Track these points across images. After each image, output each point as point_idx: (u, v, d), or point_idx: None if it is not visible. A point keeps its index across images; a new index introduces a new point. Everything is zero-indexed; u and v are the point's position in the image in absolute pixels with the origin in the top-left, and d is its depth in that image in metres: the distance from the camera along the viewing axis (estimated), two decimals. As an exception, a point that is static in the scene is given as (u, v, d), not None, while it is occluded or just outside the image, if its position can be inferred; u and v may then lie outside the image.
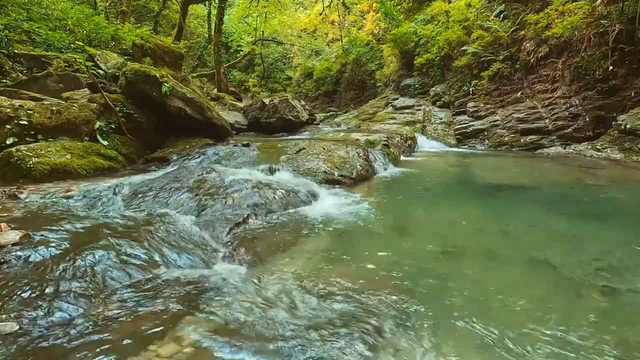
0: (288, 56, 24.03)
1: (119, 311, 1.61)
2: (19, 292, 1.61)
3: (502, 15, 10.33)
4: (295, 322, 1.59)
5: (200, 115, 6.06)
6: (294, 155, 5.27)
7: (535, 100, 9.01)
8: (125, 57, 8.21)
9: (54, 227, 2.25)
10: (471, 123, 9.89)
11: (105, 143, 4.91)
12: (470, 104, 10.18)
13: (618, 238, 2.80)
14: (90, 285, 1.76)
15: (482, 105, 9.97)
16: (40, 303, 1.57)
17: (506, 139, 9.03)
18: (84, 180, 3.98)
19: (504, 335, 1.58)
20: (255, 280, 2.02)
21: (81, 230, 2.28)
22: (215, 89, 14.68)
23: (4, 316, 1.47)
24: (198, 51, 20.56)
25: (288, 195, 3.65)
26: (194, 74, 16.79)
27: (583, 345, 1.53)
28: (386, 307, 1.78)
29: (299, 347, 1.43)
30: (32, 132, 4.31)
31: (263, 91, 21.74)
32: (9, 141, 4.09)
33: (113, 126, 5.26)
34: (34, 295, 1.61)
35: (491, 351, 1.48)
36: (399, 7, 14.98)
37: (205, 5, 19.47)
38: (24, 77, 6.66)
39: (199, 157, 5.23)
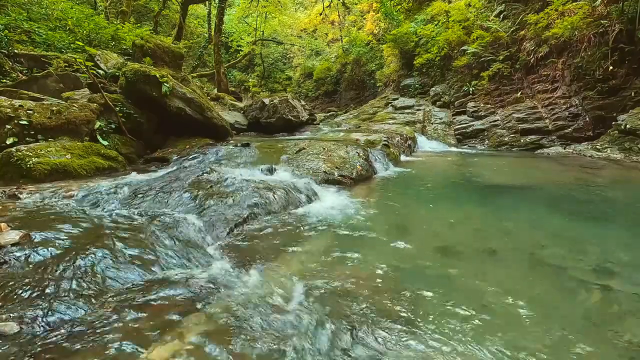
0: (288, 56, 24.04)
1: (119, 311, 1.61)
2: (19, 292, 1.61)
3: (502, 15, 10.33)
4: (295, 322, 1.59)
5: (200, 115, 6.06)
6: (294, 155, 5.27)
7: (535, 100, 9.01)
8: (125, 57, 8.21)
9: (54, 227, 2.25)
10: (471, 123, 9.88)
11: (105, 143, 4.91)
12: (470, 104, 10.18)
13: (618, 238, 2.80)
14: (90, 285, 1.76)
15: (482, 105, 9.96)
16: (40, 303, 1.57)
17: (506, 139, 9.02)
18: (84, 180, 3.98)
19: (504, 335, 1.58)
20: (255, 281, 2.02)
21: (81, 230, 2.28)
22: (215, 89, 14.67)
23: (4, 316, 1.47)
24: (198, 51, 20.55)
25: (288, 195, 3.65)
26: (194, 74, 16.78)
27: (582, 345, 1.53)
28: (386, 306, 1.78)
29: (298, 347, 1.43)
30: (32, 132, 4.31)
31: (263, 91, 21.74)
32: (9, 141, 4.09)
33: (113, 126, 5.26)
34: (34, 295, 1.62)
35: (490, 351, 1.48)
36: (399, 7, 14.98)
37: (205, 5, 19.45)
38: (24, 77, 6.66)
39: (199, 157, 5.22)
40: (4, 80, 6.35)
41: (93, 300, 1.69)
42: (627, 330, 1.64)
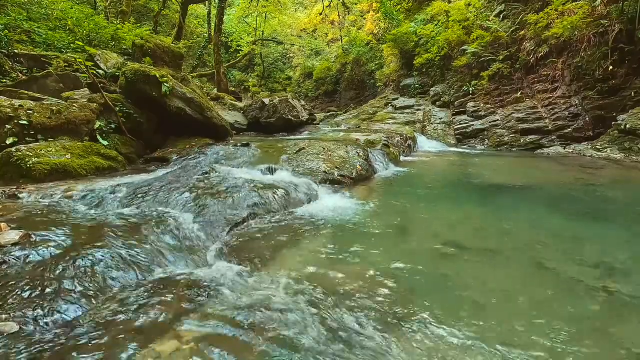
0: (288, 56, 24.03)
1: (119, 311, 1.61)
2: (19, 292, 1.61)
3: (502, 15, 10.33)
4: (294, 322, 1.59)
5: (200, 115, 6.06)
6: (294, 155, 5.27)
7: (535, 100, 9.01)
8: (125, 57, 8.20)
9: (54, 227, 2.25)
10: (471, 123, 9.88)
11: (105, 143, 4.91)
12: (470, 104, 10.18)
13: (618, 238, 2.80)
14: (90, 285, 1.76)
15: (482, 105, 9.96)
16: (40, 303, 1.58)
17: (506, 139, 9.02)
18: (84, 180, 3.98)
19: (504, 335, 1.58)
20: (255, 280, 2.02)
21: (81, 230, 2.28)
22: (215, 89, 14.66)
23: (4, 316, 1.47)
24: (198, 51, 20.55)
25: (288, 195, 3.65)
26: (194, 74, 16.77)
27: (583, 345, 1.53)
28: (386, 306, 1.78)
29: (297, 346, 1.43)
30: (32, 132, 4.31)
31: (263, 91, 21.74)
32: (9, 141, 4.09)
33: (113, 126, 5.26)
34: (34, 295, 1.62)
35: (490, 351, 1.48)
36: (399, 7, 14.98)
37: (205, 5, 19.45)
38: (24, 77, 6.66)
39: (199, 157, 5.22)
40: (4, 80, 6.35)
41: (93, 300, 1.69)
42: (628, 330, 1.64)
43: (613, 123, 7.30)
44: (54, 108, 4.60)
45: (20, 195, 3.19)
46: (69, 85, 6.52)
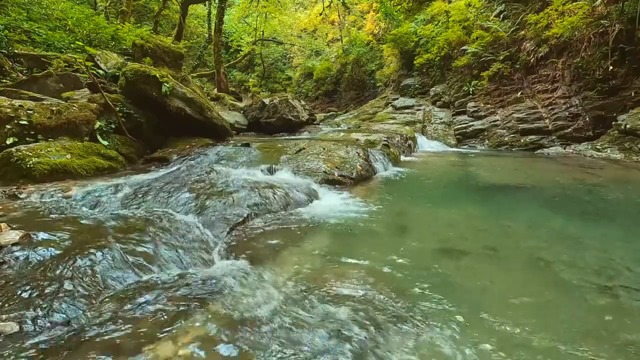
0: (288, 56, 24.02)
1: (119, 311, 1.61)
2: (19, 292, 1.61)
3: (502, 15, 10.33)
4: (295, 322, 1.59)
5: (200, 115, 6.06)
6: (294, 155, 5.27)
7: (535, 100, 9.01)
8: (125, 57, 8.21)
9: (54, 227, 2.25)
10: (471, 123, 9.88)
11: (105, 143, 4.91)
12: (470, 104, 10.18)
13: (618, 238, 2.80)
14: (90, 286, 1.76)
15: (482, 105, 9.96)
16: (40, 303, 1.58)
17: (506, 139, 9.02)
18: (84, 180, 3.98)
19: (504, 335, 1.58)
20: (255, 280, 2.02)
21: (81, 231, 2.28)
22: (215, 89, 14.65)
23: (4, 316, 1.47)
24: (198, 51, 20.56)
25: (288, 195, 3.65)
26: (194, 74, 16.79)
27: (583, 345, 1.52)
28: (386, 306, 1.78)
29: (298, 347, 1.43)
30: (32, 132, 4.31)
31: (263, 91, 21.72)
32: (9, 141, 4.09)
33: (113, 126, 5.26)
34: (34, 295, 1.62)
35: (491, 351, 1.48)
36: (399, 7, 14.98)
37: (205, 5, 19.46)
38: (24, 77, 6.66)
39: (199, 157, 5.23)
40: (4, 80, 6.35)
41: (93, 300, 1.69)
42: (629, 330, 1.64)
43: (613, 123, 7.30)
44: (54, 108, 4.60)
45: (20, 195, 3.19)
46: (69, 85, 6.53)
